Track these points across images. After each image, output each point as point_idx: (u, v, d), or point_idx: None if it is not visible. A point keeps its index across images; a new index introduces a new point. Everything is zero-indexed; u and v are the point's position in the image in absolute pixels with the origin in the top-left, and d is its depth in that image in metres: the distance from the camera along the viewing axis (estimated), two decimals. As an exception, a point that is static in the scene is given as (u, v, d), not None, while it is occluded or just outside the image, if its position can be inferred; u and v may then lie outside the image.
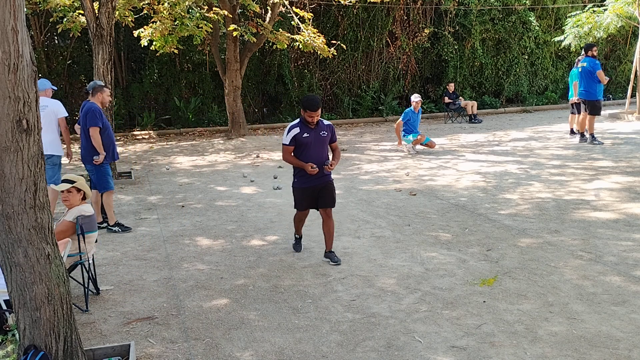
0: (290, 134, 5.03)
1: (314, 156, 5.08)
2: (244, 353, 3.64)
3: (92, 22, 8.86)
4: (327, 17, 16.77)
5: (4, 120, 2.84)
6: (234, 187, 8.63)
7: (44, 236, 3.05)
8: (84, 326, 4.09)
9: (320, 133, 5.09)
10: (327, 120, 5.24)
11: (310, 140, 5.04)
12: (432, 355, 3.54)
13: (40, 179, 3.02)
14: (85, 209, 4.59)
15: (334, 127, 5.25)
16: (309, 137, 5.03)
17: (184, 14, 11.45)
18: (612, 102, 18.64)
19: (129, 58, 16.45)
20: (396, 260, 5.23)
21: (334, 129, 5.23)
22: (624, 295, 4.26)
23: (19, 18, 2.79)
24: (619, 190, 7.41)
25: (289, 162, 5.16)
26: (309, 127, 5.03)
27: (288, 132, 5.05)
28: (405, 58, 17.84)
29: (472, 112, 15.90)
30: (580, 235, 5.70)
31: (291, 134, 5.03)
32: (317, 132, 5.07)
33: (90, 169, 6.52)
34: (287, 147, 5.09)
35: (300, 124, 5.06)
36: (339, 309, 4.24)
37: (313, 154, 5.07)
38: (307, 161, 5.05)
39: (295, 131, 5.02)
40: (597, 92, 10.75)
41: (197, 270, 5.16)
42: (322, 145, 5.13)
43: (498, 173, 8.84)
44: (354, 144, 12.67)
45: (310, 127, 5.03)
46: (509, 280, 4.65)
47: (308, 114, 4.93)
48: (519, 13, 18.06)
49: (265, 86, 17.02)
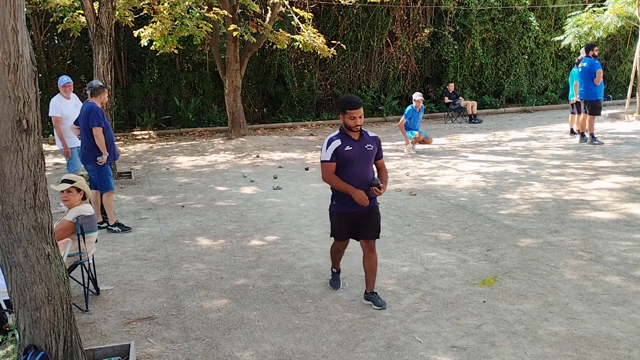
0: (330, 148, 4.11)
1: (358, 175, 4.13)
2: (244, 353, 3.64)
3: (92, 22, 8.86)
4: (327, 17, 16.77)
5: (4, 120, 2.84)
6: (234, 187, 8.63)
7: (44, 236, 3.05)
8: (84, 326, 4.09)
9: (366, 146, 4.15)
10: (372, 132, 4.31)
11: (354, 154, 4.10)
12: (432, 355, 3.54)
13: (40, 179, 3.01)
14: (85, 209, 4.59)
15: (380, 140, 4.31)
16: (352, 151, 4.10)
17: (184, 14, 11.45)
18: (612, 102, 18.63)
19: (129, 58, 16.44)
20: (396, 260, 5.23)
21: (380, 142, 4.30)
22: (624, 295, 4.26)
23: (19, 18, 2.79)
24: (619, 190, 7.41)
25: (331, 184, 4.18)
26: (352, 139, 4.13)
27: (327, 145, 4.13)
28: (405, 58, 17.84)
29: (472, 112, 15.90)
30: (580, 235, 5.70)
31: (332, 148, 4.10)
32: (362, 145, 4.15)
33: (91, 168, 6.52)
34: (327, 164, 4.13)
35: (340, 135, 4.15)
36: (339, 309, 4.24)
37: (356, 173, 4.13)
38: (348, 181, 4.12)
39: (336, 144, 4.10)
40: (597, 92, 10.75)
41: (197, 270, 5.16)
42: (368, 162, 4.19)
43: (498, 173, 8.84)
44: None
45: (353, 138, 4.14)
46: (509, 280, 4.65)
47: (350, 115, 4.05)
48: (519, 13, 18.05)
49: (265, 86, 17.02)
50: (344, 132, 4.17)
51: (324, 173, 4.19)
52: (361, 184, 4.13)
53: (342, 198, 4.23)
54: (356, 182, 4.12)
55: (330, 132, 15.12)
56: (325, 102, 17.68)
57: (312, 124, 16.45)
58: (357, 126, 4.07)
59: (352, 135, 4.14)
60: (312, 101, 17.20)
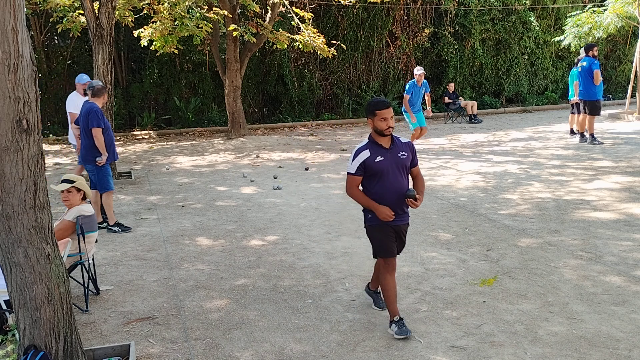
0: (357, 160, 3.74)
1: (394, 188, 3.76)
2: (244, 353, 3.64)
3: (92, 22, 8.87)
4: (327, 17, 16.77)
5: (4, 120, 2.84)
6: (234, 187, 8.63)
7: (44, 236, 3.05)
8: (84, 326, 4.09)
9: (399, 154, 3.79)
10: (404, 137, 3.98)
11: (386, 165, 3.74)
12: (432, 355, 3.54)
13: (40, 179, 3.02)
14: (85, 209, 4.59)
15: (414, 146, 3.95)
16: (384, 162, 3.74)
17: (184, 14, 11.45)
18: (612, 102, 18.63)
19: (129, 58, 16.44)
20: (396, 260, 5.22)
21: (414, 149, 3.93)
22: (624, 295, 4.26)
23: (19, 18, 2.80)
24: (619, 190, 7.41)
25: (353, 198, 3.85)
26: (383, 148, 3.76)
27: (355, 156, 3.77)
28: (405, 58, 17.84)
29: (472, 112, 15.90)
30: (580, 235, 5.70)
31: (359, 160, 3.74)
32: (394, 154, 3.77)
33: (91, 168, 6.53)
34: (353, 177, 3.78)
35: (370, 145, 3.78)
36: (339, 309, 4.24)
37: (391, 185, 3.75)
38: (383, 194, 3.76)
39: (364, 155, 3.73)
40: (596, 92, 10.75)
41: (197, 270, 5.16)
42: (403, 171, 3.82)
43: (498, 173, 8.84)
44: (354, 144, 12.67)
45: (384, 146, 3.77)
46: (509, 280, 4.65)
47: (380, 117, 3.69)
48: (519, 13, 18.06)
49: (265, 86, 17.02)
50: (373, 140, 3.78)
51: (347, 185, 3.83)
52: (399, 196, 3.76)
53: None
54: (393, 196, 3.75)
55: (330, 132, 15.12)
56: (325, 102, 17.68)
57: (312, 124, 16.45)
58: (389, 128, 3.70)
59: (382, 143, 3.76)
60: (312, 101, 17.20)
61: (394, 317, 3.84)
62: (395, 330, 3.79)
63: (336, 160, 10.63)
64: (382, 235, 3.82)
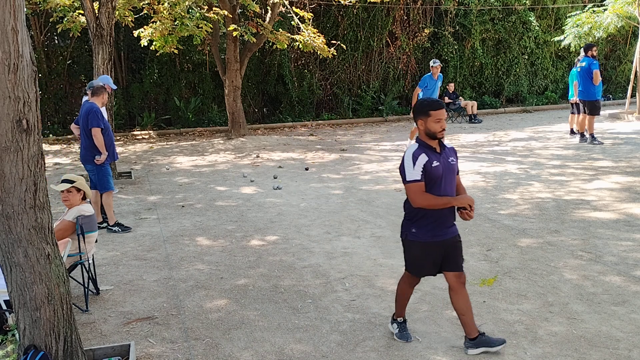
0: (418, 164, 3.37)
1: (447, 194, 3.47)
2: (244, 353, 3.64)
3: (92, 22, 8.87)
4: (327, 17, 16.77)
5: (4, 120, 2.84)
6: (234, 187, 8.63)
7: (44, 236, 3.05)
8: (84, 326, 4.09)
9: (449, 160, 3.50)
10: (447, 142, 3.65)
11: (441, 171, 3.42)
12: (432, 355, 3.54)
13: (40, 179, 3.02)
14: (85, 209, 4.59)
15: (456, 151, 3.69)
16: (439, 168, 3.41)
17: (184, 14, 11.45)
18: (612, 102, 18.63)
19: (129, 58, 16.44)
20: (396, 260, 5.22)
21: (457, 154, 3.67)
22: (624, 295, 4.26)
23: (19, 18, 2.80)
24: (619, 190, 7.41)
25: (429, 205, 3.39)
26: (436, 152, 3.45)
27: (413, 161, 3.38)
28: (405, 58, 17.84)
29: (472, 112, 15.89)
30: (580, 235, 5.70)
31: (419, 163, 3.38)
32: (446, 159, 3.48)
33: (91, 168, 6.53)
34: (417, 184, 3.37)
35: (423, 149, 3.44)
36: (339, 309, 4.24)
37: (445, 194, 3.44)
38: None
39: (423, 159, 3.39)
40: (595, 92, 10.75)
41: (197, 270, 5.16)
42: (453, 179, 3.51)
43: (498, 173, 8.84)
44: (354, 144, 12.68)
45: (436, 151, 3.46)
46: (509, 280, 4.65)
47: (435, 118, 3.39)
48: (519, 13, 18.05)
49: (265, 86, 17.02)
50: (425, 144, 3.45)
51: (414, 196, 3.37)
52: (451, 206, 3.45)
53: (427, 223, 3.45)
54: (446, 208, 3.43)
55: (330, 132, 15.11)
56: (325, 102, 17.68)
57: (312, 124, 16.45)
58: (443, 131, 3.40)
59: (434, 146, 3.46)
60: (312, 101, 17.20)
61: (398, 317, 3.79)
62: (397, 332, 3.75)
63: (336, 160, 10.63)
64: (421, 254, 3.52)
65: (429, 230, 3.45)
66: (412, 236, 3.50)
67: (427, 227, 3.45)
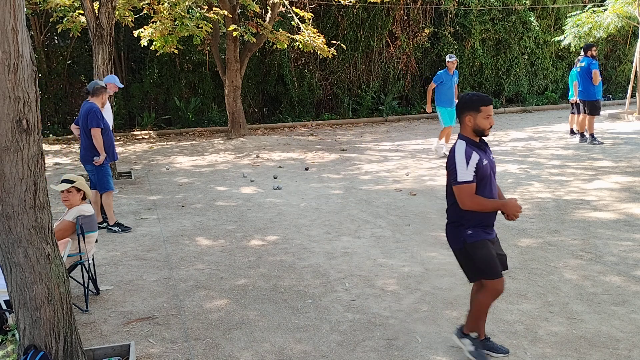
0: (471, 163, 3.20)
1: (493, 197, 3.36)
2: (244, 353, 3.64)
3: (92, 22, 8.86)
4: (327, 17, 16.77)
5: (4, 120, 2.84)
6: (234, 187, 8.63)
7: (44, 236, 3.05)
8: (84, 326, 4.09)
9: (491, 157, 3.38)
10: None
11: (489, 170, 3.29)
12: (432, 355, 3.54)
13: (40, 179, 3.02)
14: (85, 209, 4.59)
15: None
16: (487, 166, 3.27)
17: (184, 14, 11.44)
18: (612, 102, 18.62)
19: (129, 58, 16.43)
20: (396, 260, 5.22)
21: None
22: (624, 295, 4.26)
23: (19, 18, 2.80)
24: (619, 190, 7.41)
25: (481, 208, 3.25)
26: (482, 150, 3.31)
27: (466, 159, 3.20)
28: (405, 58, 17.83)
29: (472, 112, 15.85)
30: (580, 235, 5.70)
31: (472, 162, 3.20)
32: (489, 157, 3.35)
33: (91, 169, 6.53)
34: (470, 185, 3.20)
35: (472, 147, 3.27)
36: (339, 309, 4.24)
37: (492, 194, 3.33)
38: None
39: (476, 157, 3.21)
40: (595, 92, 10.75)
41: (197, 270, 5.16)
42: (495, 177, 3.40)
43: (498, 173, 8.80)
44: (354, 144, 12.67)
45: (482, 148, 3.32)
46: (509, 280, 4.65)
47: (485, 114, 3.24)
48: (519, 13, 18.05)
49: (265, 86, 17.02)
50: (472, 141, 3.28)
51: (466, 198, 3.20)
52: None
53: (480, 222, 3.32)
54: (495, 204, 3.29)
55: (330, 132, 15.11)
56: (325, 102, 17.67)
57: (312, 124, 16.44)
58: (490, 127, 3.27)
59: (481, 143, 3.31)
60: (312, 101, 17.20)
61: (474, 333, 3.45)
62: (472, 350, 3.41)
63: (336, 160, 10.63)
64: (487, 251, 3.28)
65: (482, 228, 3.32)
66: (471, 238, 3.29)
67: (482, 224, 3.32)
